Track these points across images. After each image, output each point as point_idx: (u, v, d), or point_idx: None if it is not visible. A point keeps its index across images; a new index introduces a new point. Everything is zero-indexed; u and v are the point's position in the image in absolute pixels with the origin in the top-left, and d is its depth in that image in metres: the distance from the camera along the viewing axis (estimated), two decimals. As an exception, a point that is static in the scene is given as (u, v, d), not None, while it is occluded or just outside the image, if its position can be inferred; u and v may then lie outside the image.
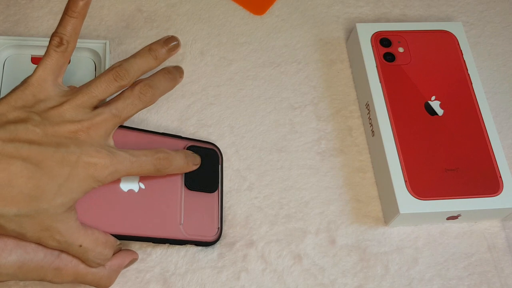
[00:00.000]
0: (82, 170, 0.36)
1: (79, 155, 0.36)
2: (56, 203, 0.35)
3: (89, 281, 0.39)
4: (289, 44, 0.56)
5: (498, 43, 0.58)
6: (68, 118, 0.37)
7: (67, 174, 0.35)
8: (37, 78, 0.38)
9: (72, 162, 0.35)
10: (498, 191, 0.47)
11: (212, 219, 0.44)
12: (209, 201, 0.44)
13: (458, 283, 0.46)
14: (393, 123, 0.48)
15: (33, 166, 0.34)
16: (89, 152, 0.36)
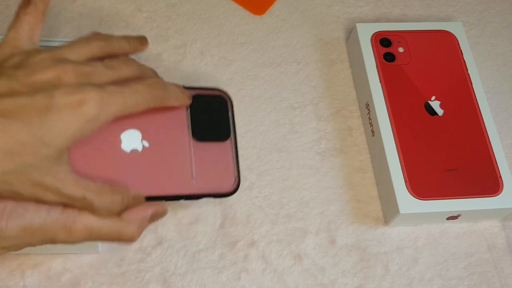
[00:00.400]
0: (65, 113, 0.32)
1: (60, 96, 0.32)
2: (42, 155, 0.31)
3: (106, 235, 0.35)
4: (289, 44, 0.56)
5: (498, 43, 0.58)
6: (46, 65, 0.33)
7: (48, 121, 0.31)
8: (8, 38, 0.36)
9: (51, 105, 0.32)
10: (498, 191, 0.47)
11: (228, 168, 0.41)
12: (222, 150, 0.41)
13: (458, 283, 0.46)
14: (393, 123, 0.48)
15: (8, 119, 0.31)
16: (70, 90, 0.32)
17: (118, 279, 0.43)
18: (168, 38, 0.55)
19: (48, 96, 0.32)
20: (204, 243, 0.45)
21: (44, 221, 0.33)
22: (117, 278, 0.43)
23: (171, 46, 0.54)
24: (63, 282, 0.43)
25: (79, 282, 0.43)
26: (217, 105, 0.42)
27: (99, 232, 0.35)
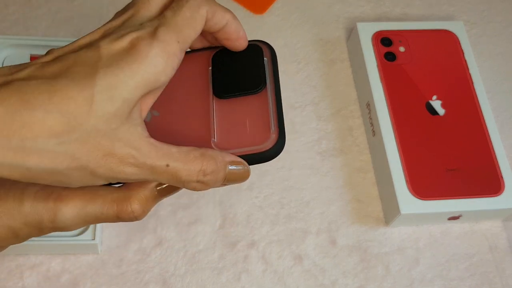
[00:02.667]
0: (127, 55, 0.27)
1: (105, 44, 0.27)
2: (106, 114, 0.26)
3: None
4: (290, 43, 0.56)
5: (499, 43, 0.58)
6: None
7: (102, 74, 0.26)
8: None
9: (100, 57, 0.27)
10: (499, 191, 0.46)
11: (262, 123, 0.33)
12: (254, 104, 0.34)
13: (459, 283, 0.46)
14: (394, 123, 0.48)
15: (56, 79, 0.26)
16: (115, 36, 0.28)
17: (117, 280, 0.43)
18: (168, 38, 0.54)
19: (94, 48, 0.28)
20: (204, 244, 0.45)
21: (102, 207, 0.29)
22: (116, 278, 0.43)
23: (171, 45, 0.54)
24: (62, 283, 0.42)
25: (78, 283, 0.42)
26: (248, 53, 0.35)
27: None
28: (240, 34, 0.33)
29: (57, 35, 0.53)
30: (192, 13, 0.29)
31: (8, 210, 0.29)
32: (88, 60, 0.27)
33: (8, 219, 0.29)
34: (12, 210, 0.29)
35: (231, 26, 0.32)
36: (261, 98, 0.34)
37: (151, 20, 0.29)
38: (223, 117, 0.33)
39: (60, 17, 0.54)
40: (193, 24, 0.29)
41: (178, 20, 0.29)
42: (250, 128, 0.33)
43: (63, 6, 0.55)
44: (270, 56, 0.35)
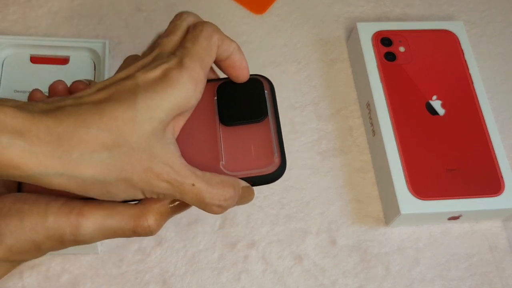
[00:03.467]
0: (155, 86, 0.31)
1: (140, 74, 0.31)
2: (146, 132, 0.30)
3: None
4: (290, 43, 0.56)
5: (500, 43, 0.58)
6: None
7: (142, 97, 0.30)
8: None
9: (138, 85, 0.31)
10: (499, 191, 0.46)
11: (266, 148, 0.36)
12: (257, 131, 0.37)
13: (459, 283, 0.46)
14: (394, 123, 0.48)
15: (103, 103, 0.30)
16: (148, 67, 0.31)
17: (117, 280, 0.43)
18: (168, 38, 0.54)
19: (132, 78, 0.31)
20: (204, 244, 0.45)
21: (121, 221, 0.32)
22: (116, 278, 0.43)
23: (171, 45, 0.54)
24: (62, 283, 0.42)
25: (78, 283, 0.42)
26: (250, 86, 0.38)
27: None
28: (243, 64, 0.37)
29: (57, 35, 0.53)
30: (207, 42, 0.34)
31: (32, 225, 0.31)
32: (128, 88, 0.31)
33: (32, 233, 0.31)
34: (36, 224, 0.31)
35: (236, 55, 0.36)
36: (264, 126, 0.37)
37: (175, 52, 0.33)
38: (230, 142, 0.36)
39: (60, 17, 0.54)
40: (209, 51, 0.34)
41: (198, 49, 0.33)
42: (255, 153, 0.36)
43: (63, 6, 0.55)
44: (269, 89, 0.38)
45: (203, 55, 0.33)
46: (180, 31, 0.34)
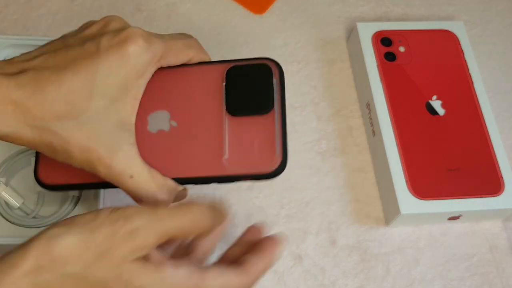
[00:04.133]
0: (112, 56, 0.32)
1: (105, 40, 0.32)
2: (98, 107, 0.32)
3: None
4: (289, 43, 0.56)
5: (500, 43, 0.58)
6: (98, 21, 0.35)
7: (98, 68, 0.32)
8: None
9: (99, 51, 0.32)
10: (499, 191, 0.46)
11: (269, 145, 0.35)
12: (262, 124, 0.36)
13: (459, 284, 0.46)
14: (394, 123, 0.48)
15: (62, 70, 0.32)
16: (115, 33, 0.33)
17: (117, 280, 0.43)
18: (168, 38, 0.54)
19: (95, 42, 0.32)
20: (204, 244, 0.45)
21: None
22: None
23: (171, 45, 0.54)
24: (62, 283, 0.42)
25: (78, 283, 0.42)
26: (258, 74, 0.37)
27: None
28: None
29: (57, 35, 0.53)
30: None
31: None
32: (89, 54, 0.32)
33: None
34: None
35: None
36: (269, 119, 0.36)
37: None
38: (234, 135, 0.36)
39: (60, 17, 0.54)
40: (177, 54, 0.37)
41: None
42: (257, 150, 0.35)
43: (63, 6, 0.55)
44: (278, 76, 0.37)
45: (170, 46, 0.35)
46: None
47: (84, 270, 0.28)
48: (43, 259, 0.27)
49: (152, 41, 0.34)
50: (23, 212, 0.43)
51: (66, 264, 0.28)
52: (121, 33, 0.33)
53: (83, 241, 0.28)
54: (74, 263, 0.28)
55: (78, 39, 0.34)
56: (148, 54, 0.33)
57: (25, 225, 0.42)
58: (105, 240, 0.28)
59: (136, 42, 0.33)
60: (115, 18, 0.34)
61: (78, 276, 0.28)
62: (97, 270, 0.28)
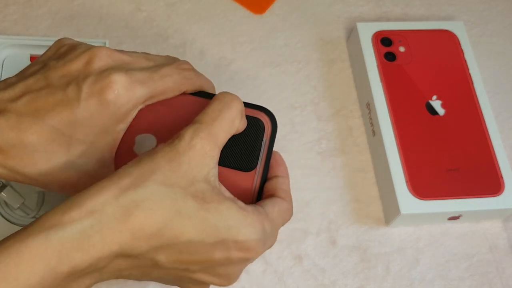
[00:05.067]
0: (92, 104, 0.32)
1: (86, 87, 0.32)
2: (73, 153, 0.33)
3: None
4: (290, 43, 0.56)
5: (500, 43, 0.58)
6: (81, 51, 0.34)
7: (78, 115, 0.32)
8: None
9: (80, 98, 0.32)
10: (499, 191, 0.46)
11: (243, 198, 0.36)
12: (241, 177, 0.36)
13: (459, 284, 0.46)
14: (394, 123, 0.48)
15: (42, 116, 0.32)
16: (96, 78, 0.32)
17: (117, 280, 0.43)
18: (168, 38, 0.54)
19: (77, 88, 0.32)
20: (204, 244, 0.45)
21: None
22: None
23: (171, 45, 0.54)
24: (62, 283, 0.42)
25: (78, 283, 0.42)
26: (250, 129, 0.36)
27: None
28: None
29: (57, 35, 0.53)
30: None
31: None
32: (71, 100, 0.33)
33: None
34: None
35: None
36: (249, 175, 0.36)
37: (125, 70, 0.34)
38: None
39: (60, 17, 0.54)
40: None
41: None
42: (233, 186, 0.35)
43: (63, 6, 0.55)
44: (270, 133, 0.37)
45: (161, 87, 0.35)
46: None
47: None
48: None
49: (135, 88, 0.33)
50: (23, 212, 0.43)
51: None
52: (103, 78, 0.32)
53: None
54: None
55: (60, 79, 0.33)
56: (130, 102, 0.33)
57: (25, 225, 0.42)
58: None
59: (117, 90, 0.32)
60: (101, 53, 0.34)
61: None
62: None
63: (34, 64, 0.35)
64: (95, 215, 0.28)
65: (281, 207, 0.35)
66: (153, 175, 0.29)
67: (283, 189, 0.36)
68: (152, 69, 0.35)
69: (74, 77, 0.33)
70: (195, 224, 0.30)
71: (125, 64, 0.34)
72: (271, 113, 0.37)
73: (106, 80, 0.32)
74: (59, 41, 0.36)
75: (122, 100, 0.33)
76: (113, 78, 0.32)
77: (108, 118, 0.33)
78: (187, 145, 0.31)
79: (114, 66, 0.33)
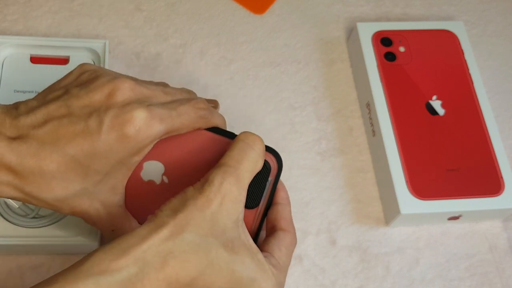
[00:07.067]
0: (112, 137, 0.33)
1: (108, 120, 0.33)
2: (94, 180, 0.34)
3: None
4: (290, 43, 0.56)
5: (500, 43, 0.58)
6: (104, 82, 0.34)
7: (97, 147, 0.33)
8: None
9: (101, 130, 0.33)
10: (499, 191, 0.46)
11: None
12: (244, 216, 0.37)
13: (459, 284, 0.46)
14: (394, 123, 0.48)
15: (63, 145, 0.32)
16: (119, 112, 0.33)
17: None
18: (168, 38, 0.54)
19: (98, 120, 0.33)
20: (204, 244, 0.45)
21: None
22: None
23: (171, 45, 0.54)
24: (62, 283, 0.42)
25: (78, 283, 0.42)
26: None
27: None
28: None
29: (57, 35, 0.53)
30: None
31: None
32: (92, 131, 0.33)
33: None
34: None
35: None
36: (251, 212, 0.37)
37: (146, 105, 0.35)
38: None
39: (60, 17, 0.54)
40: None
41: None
42: None
43: (63, 6, 0.55)
44: (276, 173, 0.37)
45: (177, 124, 0.36)
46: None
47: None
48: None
49: (154, 124, 0.34)
50: (23, 212, 0.43)
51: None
52: (125, 113, 0.33)
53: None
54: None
55: (83, 109, 0.33)
56: (149, 138, 0.34)
57: (25, 225, 0.42)
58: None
59: (138, 125, 0.33)
60: (124, 86, 0.34)
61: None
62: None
63: (56, 89, 0.35)
64: (139, 263, 0.29)
65: (286, 243, 0.36)
66: (188, 226, 0.31)
67: (284, 218, 0.37)
68: (171, 106, 0.35)
69: (96, 109, 0.33)
70: (225, 275, 0.31)
71: (145, 98, 0.35)
72: (278, 154, 0.38)
73: (128, 115, 0.33)
74: (81, 66, 0.37)
75: (142, 135, 0.33)
76: (135, 114, 0.33)
77: (126, 151, 0.34)
78: (218, 191, 0.32)
79: (135, 100, 0.34)
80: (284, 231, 0.36)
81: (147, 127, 0.33)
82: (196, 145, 0.37)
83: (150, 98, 0.35)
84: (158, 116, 0.34)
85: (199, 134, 0.38)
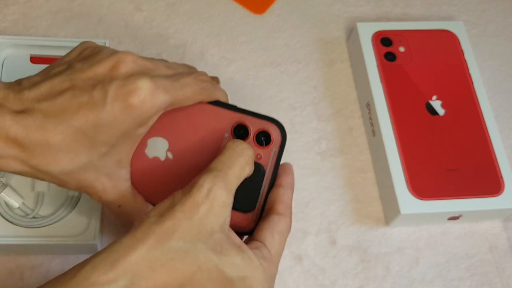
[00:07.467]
0: (117, 107, 0.33)
1: (112, 90, 0.33)
2: (99, 152, 0.33)
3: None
4: (290, 43, 0.56)
5: (500, 43, 0.58)
6: (107, 55, 0.34)
7: (102, 118, 0.32)
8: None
9: (106, 101, 0.32)
10: (499, 191, 0.46)
11: (245, 226, 0.37)
12: (240, 220, 0.38)
13: (459, 284, 0.46)
14: (394, 123, 0.48)
15: (67, 118, 0.32)
16: (123, 82, 0.33)
17: (117, 280, 0.43)
18: (168, 38, 0.54)
19: (103, 91, 0.32)
20: (204, 244, 0.45)
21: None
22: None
23: (171, 45, 0.54)
24: (62, 283, 0.42)
25: (78, 283, 0.42)
26: (254, 173, 0.37)
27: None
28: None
29: (57, 35, 0.53)
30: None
31: None
32: (96, 103, 0.33)
33: None
34: None
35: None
36: (247, 216, 0.37)
37: (150, 76, 0.35)
38: None
39: (60, 17, 0.54)
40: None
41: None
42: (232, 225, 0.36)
43: (63, 6, 0.55)
44: (278, 145, 0.37)
45: (181, 96, 0.36)
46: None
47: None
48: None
49: (159, 94, 0.34)
50: (23, 212, 0.43)
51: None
52: (129, 83, 0.33)
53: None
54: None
55: (86, 81, 0.33)
56: (153, 108, 0.34)
57: (25, 225, 0.42)
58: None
59: (143, 95, 0.33)
60: (127, 58, 0.34)
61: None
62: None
63: (58, 64, 0.35)
64: (128, 275, 0.29)
65: (279, 229, 0.36)
66: (175, 233, 0.30)
67: (283, 202, 0.36)
68: (173, 78, 0.35)
69: (100, 81, 0.33)
70: (215, 278, 0.31)
71: (149, 70, 0.35)
72: (281, 124, 0.38)
73: (132, 85, 0.33)
74: (83, 43, 0.37)
75: (147, 105, 0.33)
76: (139, 84, 0.33)
77: (131, 122, 0.33)
78: (206, 196, 0.32)
79: (139, 71, 0.34)
80: (279, 215, 0.36)
81: (151, 97, 0.33)
82: (199, 119, 0.37)
83: (153, 70, 0.35)
84: (162, 86, 0.34)
85: (202, 107, 0.37)
